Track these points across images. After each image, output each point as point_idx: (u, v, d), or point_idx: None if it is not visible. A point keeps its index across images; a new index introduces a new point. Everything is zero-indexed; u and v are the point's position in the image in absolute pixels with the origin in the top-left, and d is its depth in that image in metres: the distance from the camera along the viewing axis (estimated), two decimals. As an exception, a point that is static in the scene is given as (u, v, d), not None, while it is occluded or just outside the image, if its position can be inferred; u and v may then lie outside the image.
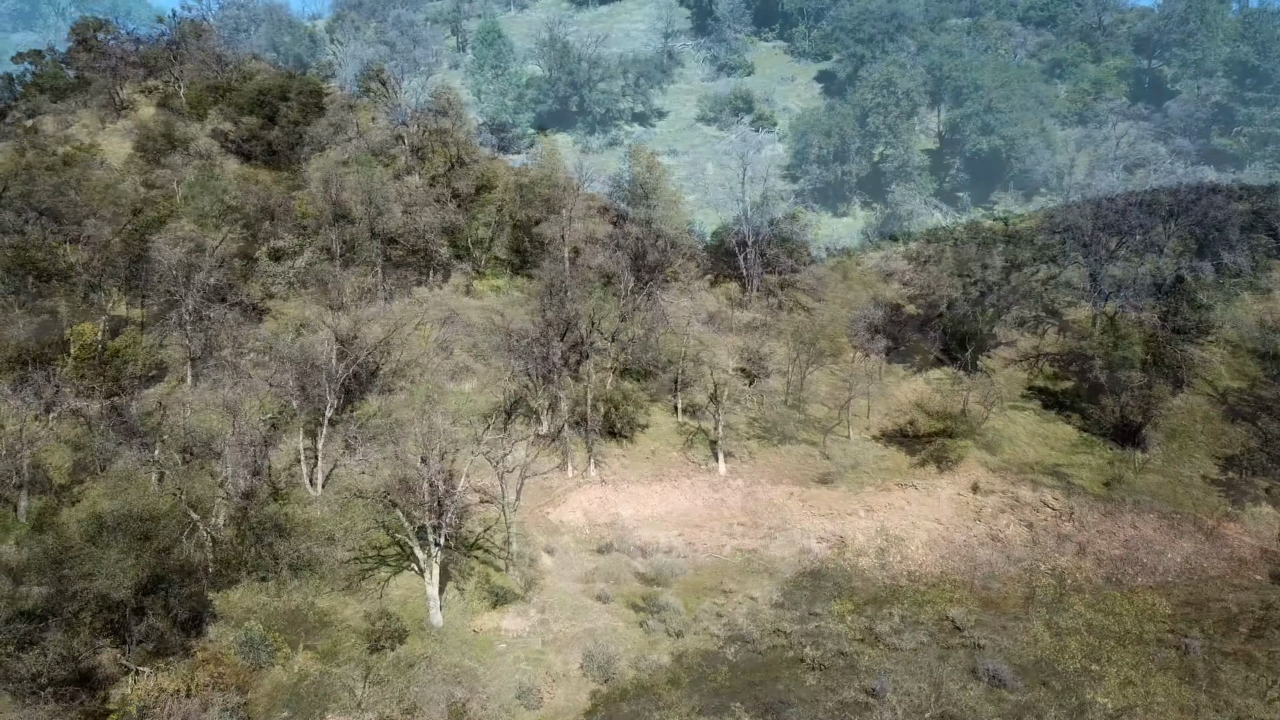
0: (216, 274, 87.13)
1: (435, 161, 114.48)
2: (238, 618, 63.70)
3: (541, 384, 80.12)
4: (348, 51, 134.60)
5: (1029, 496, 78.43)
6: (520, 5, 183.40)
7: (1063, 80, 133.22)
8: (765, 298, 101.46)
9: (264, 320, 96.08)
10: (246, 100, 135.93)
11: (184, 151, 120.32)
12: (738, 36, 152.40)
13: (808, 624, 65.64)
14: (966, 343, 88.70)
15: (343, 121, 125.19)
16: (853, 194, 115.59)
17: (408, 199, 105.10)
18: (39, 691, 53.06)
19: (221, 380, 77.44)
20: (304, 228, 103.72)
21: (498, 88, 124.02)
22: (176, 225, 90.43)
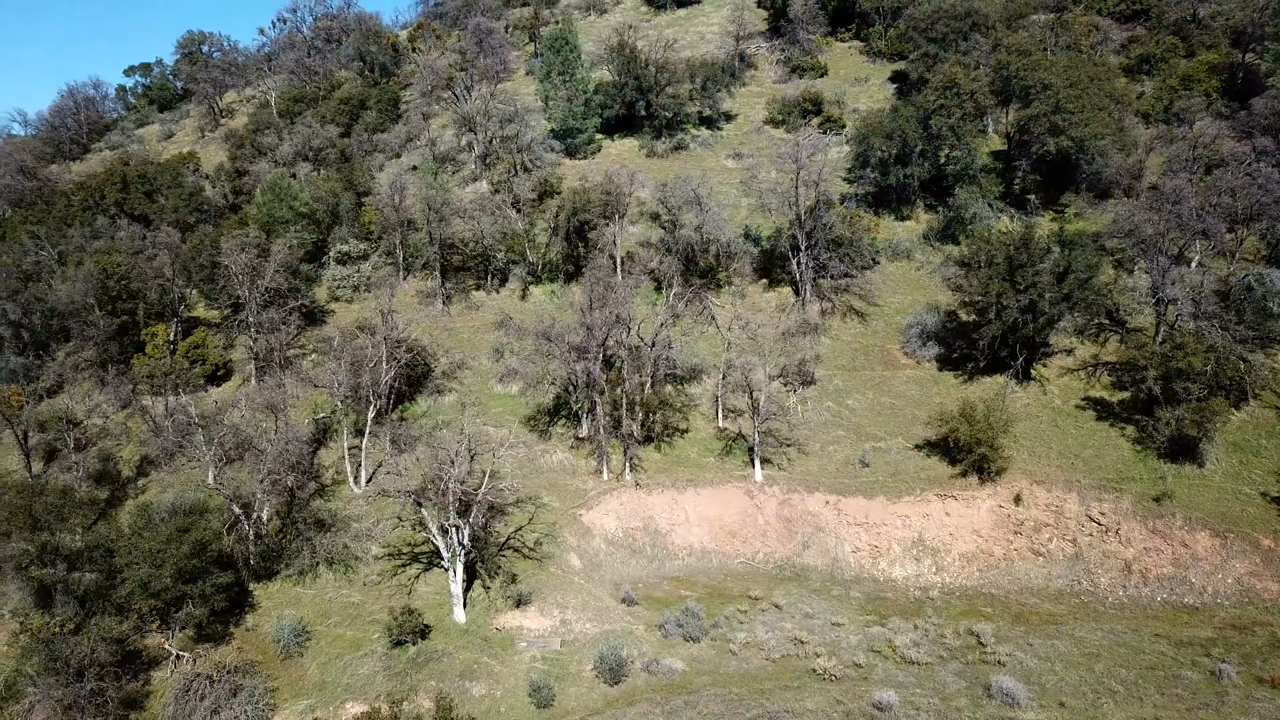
0: (278, 278, 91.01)
1: (498, 168, 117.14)
2: (275, 608, 67.02)
3: (583, 389, 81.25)
4: (428, 60, 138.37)
5: (1074, 510, 76.12)
6: (600, 10, 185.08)
7: (1151, 77, 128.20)
8: (819, 302, 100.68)
9: (327, 322, 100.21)
10: (329, 109, 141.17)
11: (268, 159, 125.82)
12: (810, 38, 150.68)
13: (828, 634, 65.40)
14: (1018, 351, 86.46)
15: (416, 130, 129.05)
16: (916, 196, 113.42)
17: (470, 206, 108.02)
18: (82, 674, 56.77)
19: (281, 380, 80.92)
20: (370, 234, 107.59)
21: (564, 94, 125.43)
22: (242, 231, 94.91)
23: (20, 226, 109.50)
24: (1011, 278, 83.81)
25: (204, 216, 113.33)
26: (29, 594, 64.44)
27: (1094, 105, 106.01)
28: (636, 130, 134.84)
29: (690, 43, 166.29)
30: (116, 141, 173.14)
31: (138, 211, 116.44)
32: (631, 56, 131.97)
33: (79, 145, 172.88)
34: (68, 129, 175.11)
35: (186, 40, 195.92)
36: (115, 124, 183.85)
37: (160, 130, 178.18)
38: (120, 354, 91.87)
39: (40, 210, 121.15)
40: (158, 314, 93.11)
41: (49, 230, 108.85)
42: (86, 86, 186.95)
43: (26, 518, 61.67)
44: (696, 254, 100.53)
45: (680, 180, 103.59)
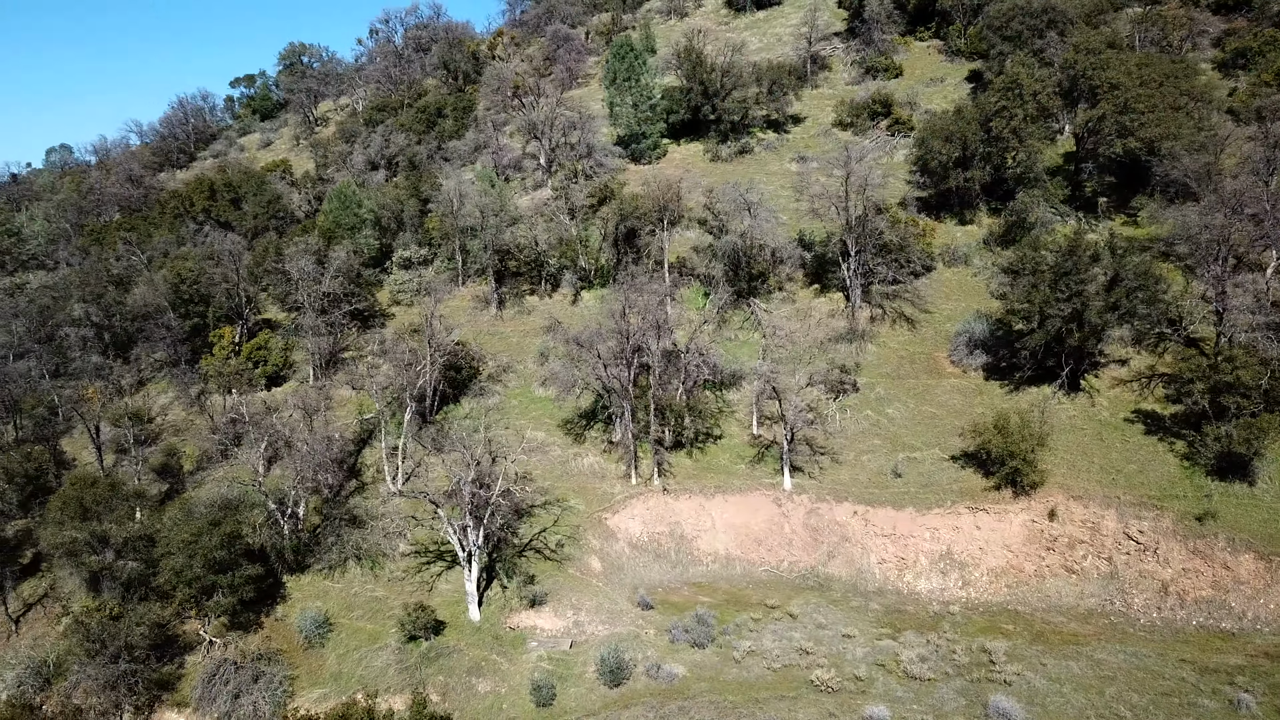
0: (335, 282, 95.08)
1: (558, 175, 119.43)
2: (304, 600, 70.50)
3: (618, 393, 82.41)
4: (494, 69, 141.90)
5: (1111, 527, 73.60)
6: (680, 13, 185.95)
7: (1247, 72, 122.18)
8: (869, 309, 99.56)
9: (386, 326, 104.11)
10: (408, 117, 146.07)
11: (345, 167, 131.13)
12: (885, 38, 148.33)
13: (836, 645, 65.03)
14: (1064, 361, 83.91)
15: (487, 138, 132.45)
16: (979, 200, 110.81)
17: (526, 212, 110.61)
18: (117, 657, 61.02)
19: (323, 383, 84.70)
20: (431, 240, 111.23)
21: (630, 100, 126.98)
22: (304, 238, 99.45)
23: (115, 232, 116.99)
24: (1056, 286, 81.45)
25: (281, 223, 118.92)
26: (82, 579, 69.52)
27: (1167, 104, 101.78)
28: (703, 134, 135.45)
29: (766, 45, 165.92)
30: (219, 150, 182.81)
31: (223, 218, 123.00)
32: (697, 61, 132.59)
33: (185, 154, 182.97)
34: (176, 139, 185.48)
35: (288, 52, 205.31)
36: (220, 133, 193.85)
37: (260, 139, 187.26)
38: (191, 355, 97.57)
39: (135, 217, 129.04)
40: (226, 317, 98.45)
41: (140, 236, 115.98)
42: (196, 98, 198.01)
43: (77, 508, 66.56)
44: (743, 260, 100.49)
45: (729, 185, 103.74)
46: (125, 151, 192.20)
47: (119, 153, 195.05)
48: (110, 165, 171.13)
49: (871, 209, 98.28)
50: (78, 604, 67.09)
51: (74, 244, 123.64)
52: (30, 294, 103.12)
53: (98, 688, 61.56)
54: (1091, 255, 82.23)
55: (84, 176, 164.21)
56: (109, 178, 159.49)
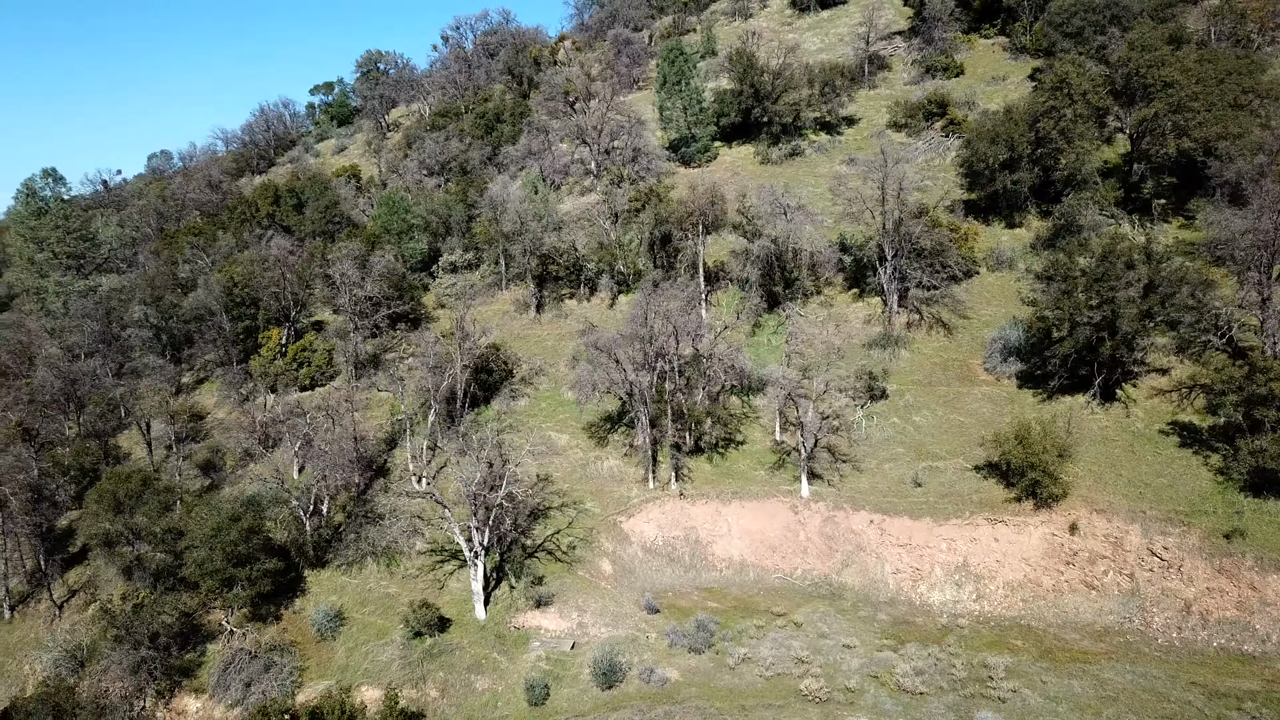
0: (376, 286, 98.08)
1: (603, 180, 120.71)
2: (322, 594, 73.24)
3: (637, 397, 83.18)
4: (564, 73, 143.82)
5: (1135, 543, 71.27)
6: (745, 14, 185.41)
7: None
8: (906, 314, 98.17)
9: (430, 328, 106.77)
10: (468, 123, 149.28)
11: (400, 173, 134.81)
12: (945, 37, 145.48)
13: (834, 655, 64.73)
14: (1097, 370, 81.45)
15: (541, 144, 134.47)
16: (1028, 203, 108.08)
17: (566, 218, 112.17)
18: (139, 645, 64.49)
19: (352, 384, 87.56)
20: (477, 245, 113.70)
21: (679, 103, 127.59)
22: (350, 244, 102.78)
23: (183, 237, 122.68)
24: (1088, 292, 79.18)
25: (338, 227, 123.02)
26: (117, 569, 73.56)
27: (1227, 102, 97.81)
28: (754, 137, 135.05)
29: (827, 45, 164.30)
30: (296, 155, 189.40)
31: (285, 223, 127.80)
32: (749, 64, 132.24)
33: (264, 160, 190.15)
34: (256, 145, 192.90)
35: (365, 59, 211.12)
36: (299, 139, 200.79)
37: (335, 144, 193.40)
38: (243, 355, 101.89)
39: (207, 221, 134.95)
40: (276, 319, 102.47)
41: (206, 240, 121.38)
42: (277, 105, 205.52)
43: (112, 501, 70.49)
44: (776, 264, 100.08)
45: (765, 189, 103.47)
46: (209, 157, 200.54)
47: (205, 158, 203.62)
48: (192, 171, 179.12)
49: (909, 213, 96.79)
50: (108, 593, 70.95)
51: (149, 248, 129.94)
52: (98, 297, 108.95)
53: (123, 673, 65.12)
54: (1126, 261, 79.66)
55: (168, 183, 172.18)
56: (190, 183, 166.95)
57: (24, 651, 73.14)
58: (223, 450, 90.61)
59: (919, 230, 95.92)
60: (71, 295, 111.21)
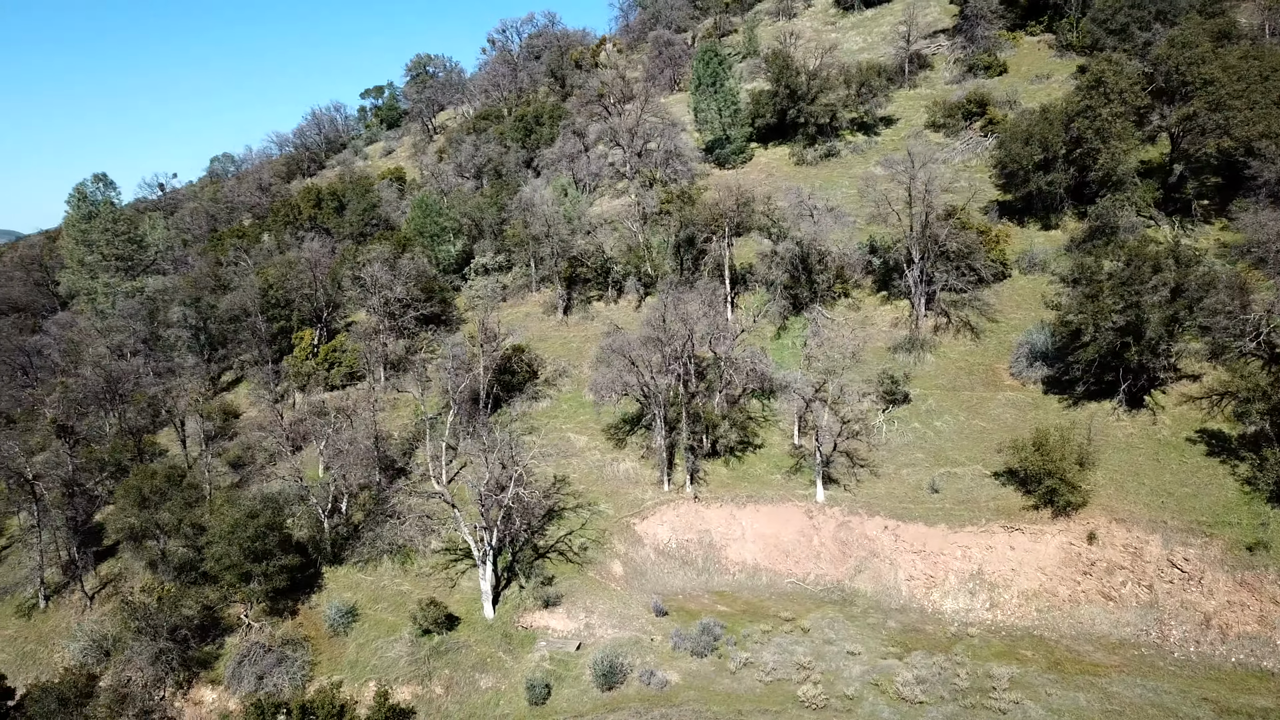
0: (404, 288, 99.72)
1: (635, 182, 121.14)
2: (337, 590, 74.82)
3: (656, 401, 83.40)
4: (600, 75, 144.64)
5: (1155, 554, 69.55)
6: (789, 14, 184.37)
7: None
8: (934, 317, 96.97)
9: (460, 329, 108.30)
10: (507, 126, 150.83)
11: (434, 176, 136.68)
12: (987, 35, 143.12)
13: (837, 661, 64.30)
14: (1122, 376, 79.64)
15: (573, 147, 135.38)
16: (1063, 204, 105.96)
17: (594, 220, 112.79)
18: (157, 636, 66.60)
19: (374, 385, 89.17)
20: (508, 248, 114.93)
21: (714, 105, 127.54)
22: (381, 247, 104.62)
23: (227, 239, 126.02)
24: (1114, 296, 77.46)
25: (376, 229, 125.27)
26: (143, 562, 75.99)
27: (1271, 101, 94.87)
28: (790, 138, 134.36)
29: (869, 44, 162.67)
30: (346, 158, 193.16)
31: (326, 225, 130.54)
32: (784, 64, 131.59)
33: (315, 162, 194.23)
34: (307, 148, 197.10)
35: (415, 63, 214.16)
36: (349, 142, 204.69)
37: (383, 147, 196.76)
38: (277, 355, 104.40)
39: (253, 224, 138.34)
40: (309, 320, 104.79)
41: (250, 242, 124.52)
42: (329, 109, 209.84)
43: (137, 496, 72.85)
44: (800, 267, 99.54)
45: (792, 190, 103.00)
46: (264, 160, 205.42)
47: (260, 161, 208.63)
48: (244, 174, 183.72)
49: (936, 215, 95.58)
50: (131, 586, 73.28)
51: (197, 249, 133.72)
52: (143, 298, 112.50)
53: (144, 663, 67.32)
54: (1153, 264, 77.75)
55: (220, 185, 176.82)
56: (241, 186, 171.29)
57: (55, 640, 75.99)
58: (253, 448, 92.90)
59: (946, 233, 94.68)
60: (118, 296, 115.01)
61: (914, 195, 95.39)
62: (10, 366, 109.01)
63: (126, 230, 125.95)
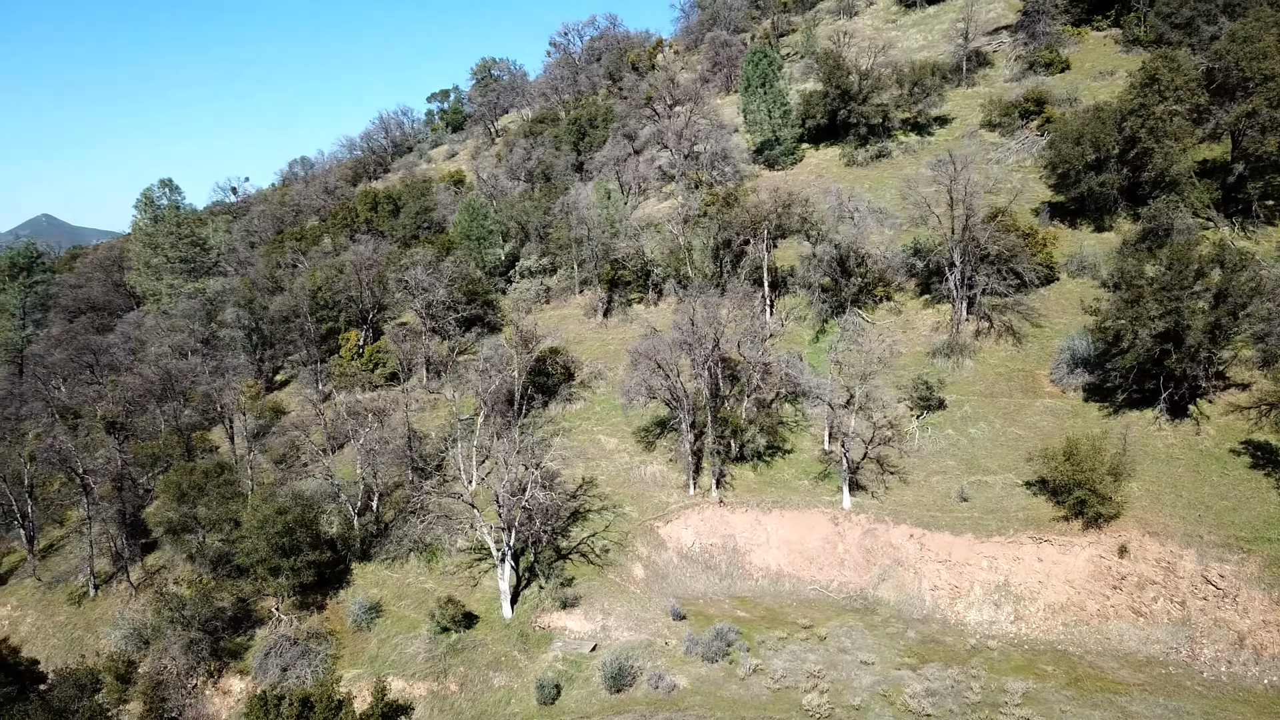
0: (446, 290, 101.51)
1: (681, 184, 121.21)
2: (364, 586, 76.69)
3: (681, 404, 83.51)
4: (630, 81, 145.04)
5: (1189, 569, 67.13)
6: (850, 12, 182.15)
7: None
8: (976, 321, 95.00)
9: (501, 331, 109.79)
10: (561, 129, 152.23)
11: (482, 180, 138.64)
12: (1047, 31, 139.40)
13: (849, 671, 63.65)
14: (1164, 384, 76.96)
15: (624, 150, 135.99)
16: (1116, 205, 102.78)
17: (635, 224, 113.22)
18: (189, 626, 69.19)
19: (405, 386, 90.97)
20: (551, 251, 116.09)
21: (764, 106, 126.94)
22: (426, 250, 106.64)
23: (286, 241, 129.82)
24: (1154, 301, 74.97)
25: (428, 232, 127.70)
26: (183, 555, 78.93)
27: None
28: (841, 139, 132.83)
29: (930, 42, 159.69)
30: (411, 161, 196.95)
31: (381, 228, 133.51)
32: (835, 64, 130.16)
33: (381, 166, 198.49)
34: (374, 152, 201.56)
35: (479, 67, 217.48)
36: (414, 146, 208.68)
37: (447, 150, 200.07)
38: (325, 355, 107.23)
39: (313, 227, 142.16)
40: (355, 321, 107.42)
41: (307, 245, 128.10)
42: (396, 113, 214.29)
43: (176, 491, 75.75)
44: (839, 270, 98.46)
45: (830, 192, 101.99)
46: (334, 163, 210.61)
47: (330, 164, 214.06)
48: (311, 178, 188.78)
49: (979, 217, 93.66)
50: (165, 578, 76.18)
51: (261, 251, 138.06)
52: (203, 299, 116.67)
53: (178, 652, 70.01)
54: (1196, 269, 75.05)
55: (288, 189, 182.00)
56: (308, 189, 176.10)
57: (101, 628, 79.41)
58: (298, 446, 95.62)
59: (986, 235, 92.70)
60: (181, 297, 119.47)
61: (955, 197, 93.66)
62: (78, 364, 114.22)
63: (190, 233, 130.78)
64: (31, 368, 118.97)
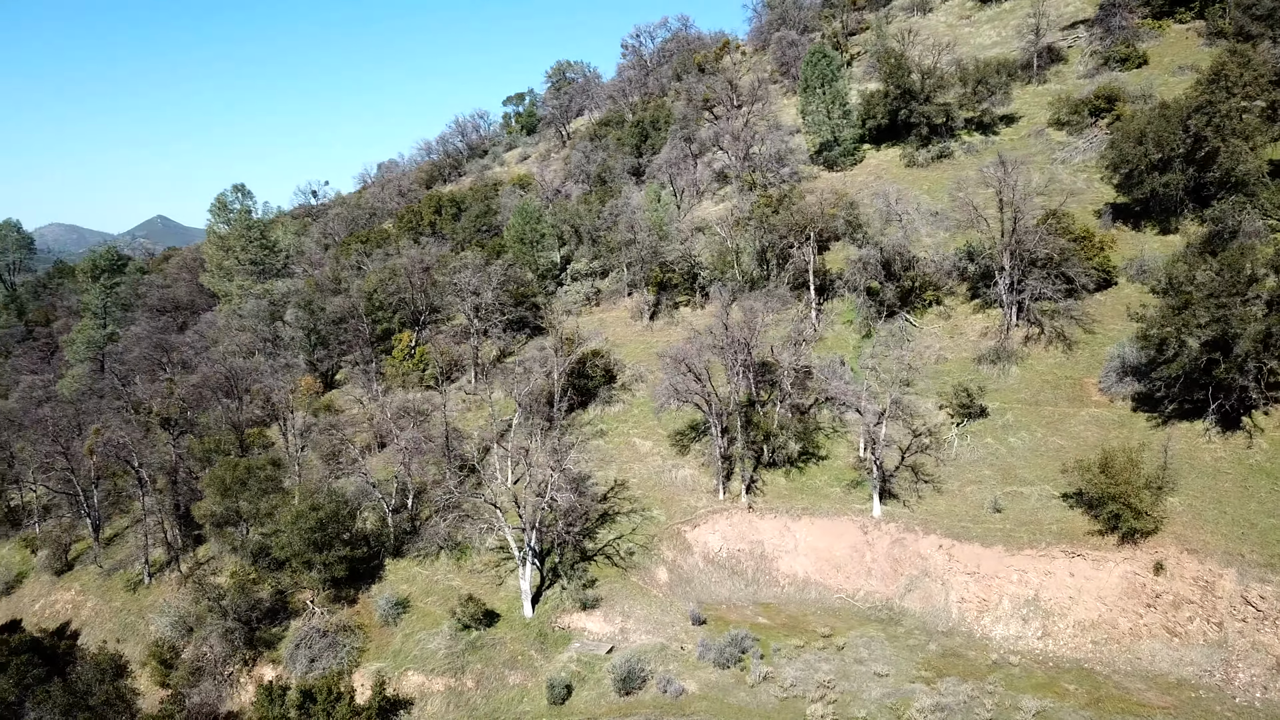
0: (494, 294, 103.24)
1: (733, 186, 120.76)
2: (395, 582, 78.66)
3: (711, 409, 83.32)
4: (685, 84, 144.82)
5: (1228, 589, 64.12)
6: (925, 9, 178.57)
7: None
8: (1027, 327, 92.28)
9: (549, 334, 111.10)
10: (624, 132, 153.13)
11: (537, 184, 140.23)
12: (1123, 25, 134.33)
13: (861, 682, 62.72)
14: (1213, 394, 73.55)
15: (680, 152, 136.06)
16: (1183, 206, 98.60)
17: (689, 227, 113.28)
18: (226, 616, 72.06)
19: (444, 388, 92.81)
20: (600, 254, 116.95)
21: (822, 106, 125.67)
22: (477, 253, 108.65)
23: (353, 243, 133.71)
24: (1202, 307, 71.84)
25: (485, 235, 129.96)
26: (227, 547, 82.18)
27: None
28: (903, 139, 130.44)
29: (1004, 38, 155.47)
30: (484, 165, 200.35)
31: (444, 231, 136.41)
32: (896, 63, 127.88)
33: (455, 169, 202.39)
34: (449, 155, 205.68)
35: (555, 70, 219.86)
36: (489, 149, 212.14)
37: (520, 153, 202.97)
38: (380, 355, 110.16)
39: (378, 229, 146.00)
40: (409, 322, 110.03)
41: (371, 247, 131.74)
42: (473, 116, 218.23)
43: (220, 485, 78.93)
44: (883, 273, 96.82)
45: (875, 195, 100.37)
46: (413, 166, 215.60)
47: (409, 167, 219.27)
48: (386, 181, 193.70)
49: (1031, 219, 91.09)
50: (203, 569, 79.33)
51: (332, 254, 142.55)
52: (269, 300, 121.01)
53: (216, 640, 73.03)
54: (1249, 275, 71.63)
55: (364, 193, 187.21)
56: (383, 192, 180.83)
57: (151, 615, 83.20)
58: (347, 443, 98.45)
59: (1035, 239, 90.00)
60: (250, 298, 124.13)
61: (1004, 200, 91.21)
62: (150, 362, 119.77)
63: (259, 237, 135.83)
64: (111, 365, 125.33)
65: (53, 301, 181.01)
